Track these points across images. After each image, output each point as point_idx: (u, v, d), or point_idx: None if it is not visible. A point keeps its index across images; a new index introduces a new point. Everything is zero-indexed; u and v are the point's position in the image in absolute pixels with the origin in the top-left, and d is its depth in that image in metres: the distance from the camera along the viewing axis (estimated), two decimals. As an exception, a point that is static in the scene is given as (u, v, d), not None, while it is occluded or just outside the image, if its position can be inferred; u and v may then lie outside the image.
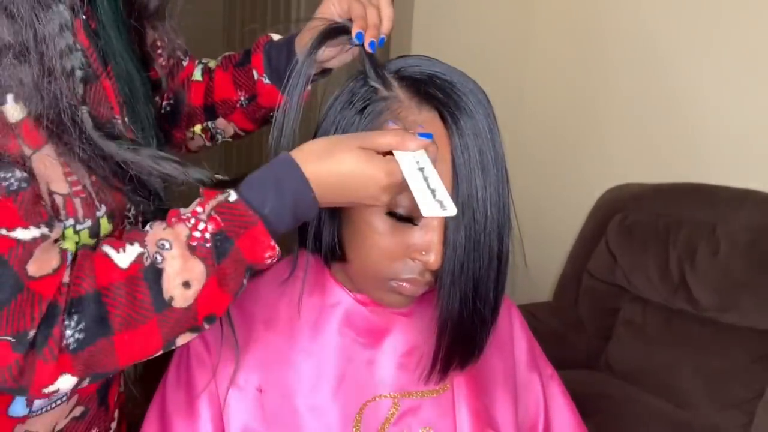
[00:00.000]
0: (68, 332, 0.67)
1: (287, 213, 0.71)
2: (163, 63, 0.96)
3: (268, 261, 0.73)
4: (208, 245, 0.69)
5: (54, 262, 0.67)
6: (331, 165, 0.71)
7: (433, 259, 0.76)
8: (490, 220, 0.76)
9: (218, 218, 0.70)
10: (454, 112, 0.75)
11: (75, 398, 0.83)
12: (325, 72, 0.95)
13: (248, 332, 0.84)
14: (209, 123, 1.02)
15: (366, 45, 0.80)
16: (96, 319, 0.67)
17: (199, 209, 0.71)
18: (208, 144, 1.06)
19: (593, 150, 2.34)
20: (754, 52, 1.91)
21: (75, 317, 0.67)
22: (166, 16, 0.90)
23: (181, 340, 0.73)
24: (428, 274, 0.78)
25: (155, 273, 0.68)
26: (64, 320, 0.67)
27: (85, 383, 0.71)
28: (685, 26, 2.05)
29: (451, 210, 0.69)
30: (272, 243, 0.71)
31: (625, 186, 2.17)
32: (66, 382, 0.69)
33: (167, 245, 0.69)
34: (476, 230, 0.76)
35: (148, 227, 0.72)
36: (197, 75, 1.02)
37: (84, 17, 0.76)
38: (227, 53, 1.03)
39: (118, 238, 0.72)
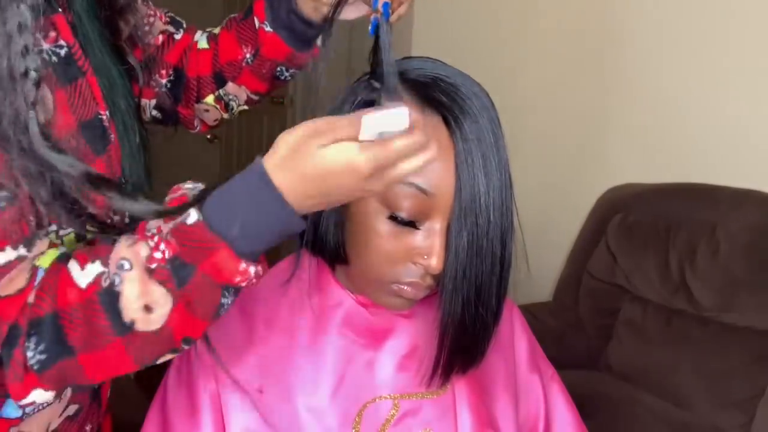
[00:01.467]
0: (29, 353, 0.65)
1: (263, 231, 0.65)
2: (149, 49, 0.94)
3: (243, 284, 0.67)
4: (167, 268, 0.64)
5: (21, 281, 0.66)
6: (298, 173, 0.63)
7: (435, 263, 0.75)
8: (492, 224, 0.76)
9: (173, 242, 0.64)
10: (458, 116, 0.75)
11: (67, 397, 0.83)
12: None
13: (249, 333, 0.84)
14: (220, 91, 1.00)
15: (380, 5, 0.77)
16: (55, 340, 0.66)
17: (163, 226, 0.66)
18: (224, 116, 1.03)
19: (593, 150, 2.34)
20: (754, 52, 1.91)
21: (34, 339, 0.65)
22: (138, 6, 0.88)
23: (163, 359, 0.71)
24: (429, 277, 0.78)
25: (112, 296, 0.65)
26: (25, 341, 0.65)
27: (68, 392, 0.71)
28: (685, 26, 2.05)
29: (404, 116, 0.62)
30: (242, 267, 0.65)
31: (625, 186, 2.17)
32: (41, 396, 0.68)
33: (126, 265, 0.65)
34: (479, 235, 0.75)
35: (119, 240, 0.68)
36: (203, 43, 1.00)
37: (60, 10, 0.75)
38: (232, 15, 1.01)
39: (88, 251, 0.69)
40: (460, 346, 0.81)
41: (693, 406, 1.80)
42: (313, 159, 0.63)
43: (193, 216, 0.64)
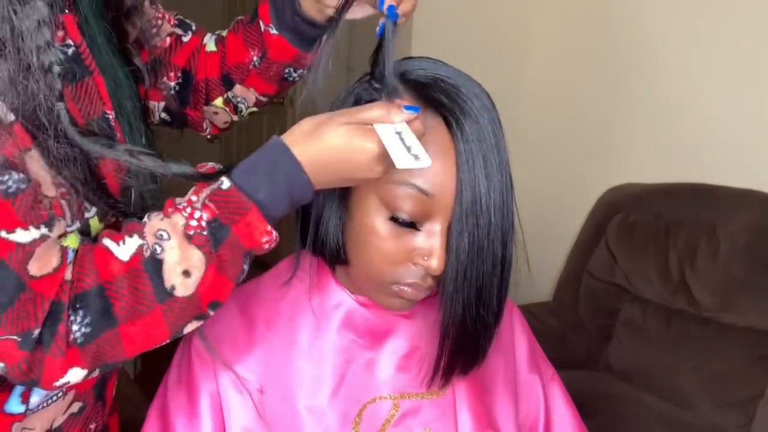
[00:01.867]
0: (74, 327, 0.68)
1: (282, 197, 0.72)
2: (156, 51, 0.95)
3: (266, 246, 0.73)
4: (204, 233, 0.70)
5: (54, 261, 0.68)
6: (319, 144, 0.71)
7: (436, 264, 0.75)
8: (493, 226, 0.76)
9: (212, 206, 0.70)
10: (458, 117, 0.75)
11: (72, 394, 0.83)
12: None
13: (249, 332, 0.84)
14: (229, 93, 1.00)
15: (385, 6, 0.78)
16: (101, 312, 0.68)
17: (194, 198, 0.71)
18: (234, 118, 1.05)
19: (593, 150, 2.34)
20: (754, 52, 1.91)
21: (80, 312, 0.68)
22: (145, 9, 0.89)
23: (188, 328, 0.74)
24: (430, 278, 0.78)
25: (155, 264, 0.69)
26: (69, 316, 0.68)
27: (95, 374, 0.72)
28: (685, 26, 2.05)
29: (425, 161, 0.69)
30: (269, 228, 0.71)
31: (625, 186, 2.17)
32: (76, 375, 0.70)
33: (165, 235, 0.70)
34: (480, 236, 0.75)
35: (145, 218, 0.72)
36: (211, 46, 1.01)
37: (67, 11, 0.76)
38: (239, 17, 1.02)
39: (118, 231, 0.73)
40: (461, 347, 0.81)
41: (693, 407, 1.80)
42: (335, 132, 0.71)
43: (226, 182, 0.71)
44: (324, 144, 0.71)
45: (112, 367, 0.75)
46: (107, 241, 0.71)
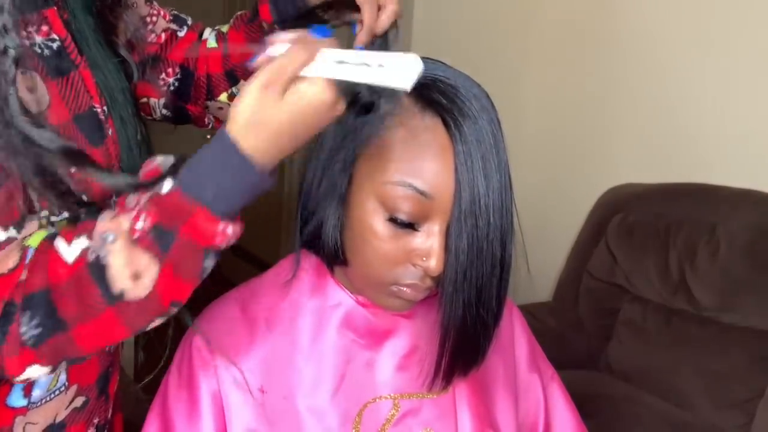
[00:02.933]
0: (23, 329, 0.67)
1: (233, 194, 0.66)
2: (152, 48, 0.94)
3: (223, 243, 0.68)
4: (153, 243, 0.66)
5: (12, 262, 0.68)
6: (267, 129, 0.65)
7: (434, 265, 0.75)
8: (492, 226, 0.75)
9: (153, 210, 0.67)
10: (457, 117, 0.74)
11: (75, 388, 0.83)
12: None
13: (250, 332, 0.84)
14: (234, 89, 1.00)
15: (354, 45, 0.79)
16: (48, 315, 0.67)
17: (141, 198, 0.68)
18: None
19: (593, 150, 2.34)
20: (754, 52, 1.91)
21: (28, 313, 0.67)
22: (138, 5, 0.88)
23: (153, 325, 0.72)
24: (429, 279, 0.78)
25: (99, 269, 0.66)
26: (20, 317, 0.67)
27: (62, 367, 0.72)
28: (685, 26, 2.05)
29: (401, 59, 0.63)
30: (219, 227, 0.66)
31: (625, 186, 2.17)
32: (37, 371, 0.70)
33: (110, 237, 0.67)
34: (479, 237, 0.75)
35: (101, 215, 0.69)
36: (212, 42, 1.00)
37: (56, 8, 0.76)
38: (239, 12, 1.00)
39: (74, 228, 0.70)
40: (461, 347, 0.81)
41: (693, 407, 1.80)
42: (279, 111, 0.65)
43: (167, 185, 0.66)
44: (274, 130, 0.65)
45: (79, 362, 0.74)
46: (59, 241, 0.69)
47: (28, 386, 0.79)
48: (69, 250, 0.68)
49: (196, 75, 1.00)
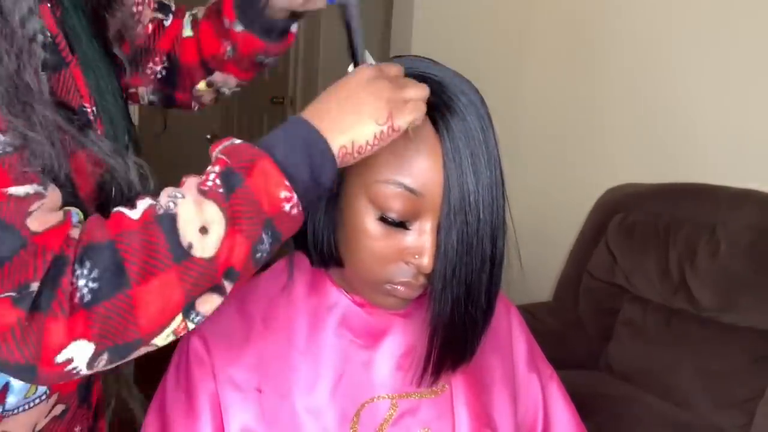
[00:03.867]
0: (80, 282, 0.60)
1: (298, 158, 0.67)
2: (140, 39, 0.94)
3: (286, 205, 0.67)
4: (220, 190, 0.65)
5: (56, 218, 0.63)
6: (330, 104, 0.71)
7: (426, 262, 0.75)
8: (482, 223, 0.75)
9: (223, 158, 0.67)
10: (445, 114, 0.74)
11: (55, 397, 0.81)
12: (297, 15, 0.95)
13: (248, 332, 0.84)
14: (209, 78, 1.00)
15: None
16: (110, 267, 0.61)
17: (209, 168, 0.68)
18: (219, 97, 1.05)
19: (593, 150, 2.34)
20: (753, 52, 1.91)
21: (87, 264, 0.61)
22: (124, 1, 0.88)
23: (202, 302, 0.66)
24: (422, 277, 0.78)
25: (170, 218, 0.64)
26: (74, 270, 0.61)
27: (102, 360, 0.63)
28: (684, 26, 2.05)
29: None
30: (284, 180, 0.66)
31: (625, 186, 2.17)
32: (81, 351, 0.61)
33: (179, 195, 0.66)
34: (469, 233, 0.75)
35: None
36: (188, 31, 1.00)
37: (49, 5, 0.75)
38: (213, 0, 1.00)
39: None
40: (450, 343, 0.81)
41: (693, 407, 1.80)
42: (336, 85, 0.72)
43: (238, 141, 0.69)
44: (332, 101, 0.71)
45: (121, 355, 0.65)
46: (120, 207, 0.66)
47: (2, 393, 0.75)
48: (133, 211, 0.65)
49: (180, 63, 1.00)
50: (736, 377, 1.77)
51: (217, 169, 0.66)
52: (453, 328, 0.79)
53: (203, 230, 0.64)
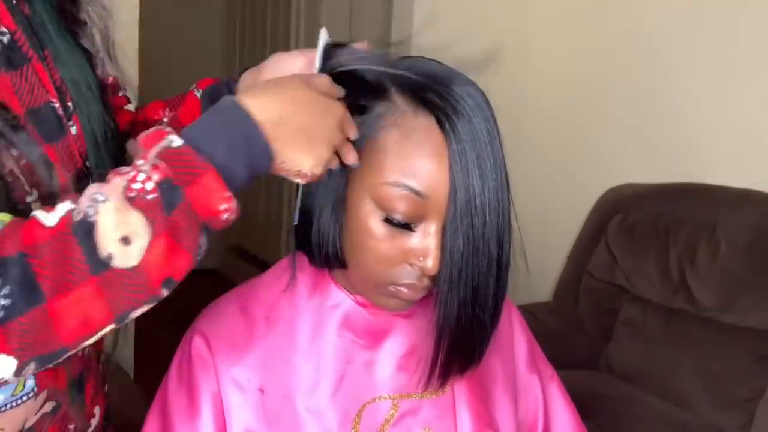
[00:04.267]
0: None
1: (240, 162, 0.65)
2: (109, 37, 0.90)
3: (225, 215, 0.65)
4: (149, 196, 0.61)
5: None
6: (277, 96, 0.69)
7: (431, 264, 0.75)
8: (489, 226, 0.75)
9: (163, 165, 0.62)
10: (451, 116, 0.74)
11: (44, 394, 0.78)
12: None
13: (250, 332, 0.84)
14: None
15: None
16: (21, 282, 0.59)
17: (140, 162, 0.64)
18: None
19: (593, 150, 2.34)
20: (753, 52, 1.91)
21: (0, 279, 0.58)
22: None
23: (137, 313, 0.64)
24: (426, 279, 0.78)
25: (86, 227, 0.60)
26: None
27: (30, 370, 0.62)
28: (684, 26, 2.05)
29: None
30: (227, 193, 0.64)
31: (625, 186, 2.17)
32: (3, 365, 0.60)
33: (101, 197, 0.61)
34: (475, 236, 0.75)
35: (88, 187, 0.64)
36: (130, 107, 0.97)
37: (14, 1, 0.74)
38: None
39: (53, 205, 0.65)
40: (458, 348, 0.80)
41: (693, 406, 1.80)
42: (277, 82, 0.72)
43: (177, 141, 0.64)
44: (272, 95, 0.69)
45: (49, 362, 0.63)
46: (37, 212, 0.63)
47: None
48: (50, 215, 0.62)
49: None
50: (736, 377, 1.77)
51: (155, 177, 0.62)
52: (460, 332, 0.79)
53: (125, 240, 0.61)
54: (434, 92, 0.75)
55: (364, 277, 0.80)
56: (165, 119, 0.93)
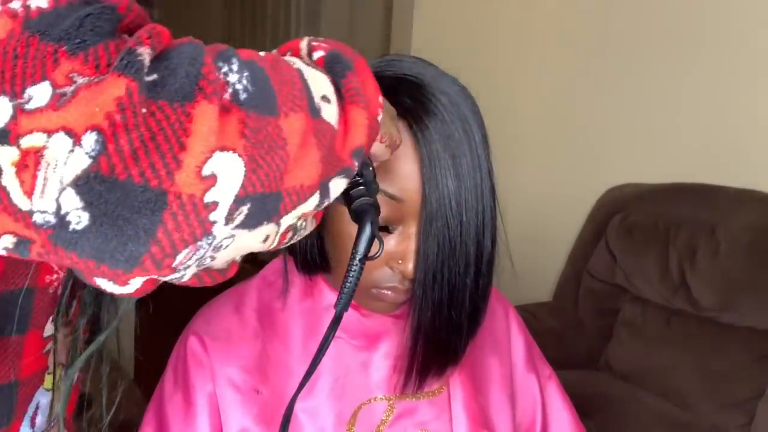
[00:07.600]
0: (231, 78, 0.44)
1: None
2: None
3: (380, 116, 0.55)
4: (322, 67, 0.54)
5: None
6: None
7: (410, 268, 0.74)
8: (465, 226, 0.73)
9: (323, 44, 0.56)
10: (421, 117, 0.72)
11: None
12: None
13: (245, 333, 0.84)
14: None
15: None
16: (261, 78, 0.46)
17: (300, 45, 0.57)
18: None
19: (593, 150, 2.34)
20: (753, 52, 1.91)
21: (235, 63, 0.45)
22: None
23: (335, 183, 0.53)
24: (408, 281, 0.77)
25: (298, 68, 0.51)
26: (215, 60, 0.44)
27: (242, 215, 0.45)
28: (684, 26, 2.05)
29: None
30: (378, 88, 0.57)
31: (625, 186, 2.17)
32: (228, 171, 0.43)
33: (295, 59, 0.54)
34: (450, 237, 0.73)
35: None
36: None
37: None
38: None
39: None
40: (434, 349, 0.79)
41: (693, 406, 1.80)
42: None
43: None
44: None
45: (261, 214, 0.46)
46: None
47: (33, 416, 0.67)
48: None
49: None
50: (736, 377, 1.77)
51: (320, 53, 0.54)
52: (435, 334, 0.78)
53: (324, 98, 0.51)
54: (406, 94, 0.73)
55: None
56: None
